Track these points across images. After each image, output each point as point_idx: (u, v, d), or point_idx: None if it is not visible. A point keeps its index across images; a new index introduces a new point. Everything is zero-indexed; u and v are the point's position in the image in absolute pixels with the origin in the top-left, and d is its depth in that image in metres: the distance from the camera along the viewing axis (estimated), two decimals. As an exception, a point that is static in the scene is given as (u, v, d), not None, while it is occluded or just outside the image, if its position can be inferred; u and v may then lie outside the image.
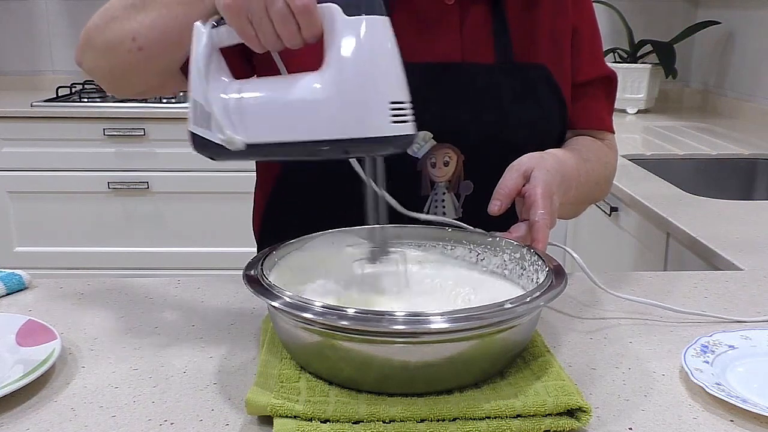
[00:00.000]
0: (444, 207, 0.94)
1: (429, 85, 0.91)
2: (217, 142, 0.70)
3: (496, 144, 0.92)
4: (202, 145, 0.73)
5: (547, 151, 0.89)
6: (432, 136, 0.92)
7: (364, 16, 0.65)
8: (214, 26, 0.72)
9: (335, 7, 0.65)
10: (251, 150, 0.70)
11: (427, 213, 0.91)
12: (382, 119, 0.65)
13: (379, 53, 0.66)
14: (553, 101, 0.98)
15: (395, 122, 0.65)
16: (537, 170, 0.82)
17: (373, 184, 0.74)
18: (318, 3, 0.65)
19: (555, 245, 0.85)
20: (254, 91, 0.71)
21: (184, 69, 0.84)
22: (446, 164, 0.93)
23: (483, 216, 0.81)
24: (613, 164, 1.08)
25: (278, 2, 0.64)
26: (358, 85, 0.65)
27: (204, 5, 0.73)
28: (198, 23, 0.73)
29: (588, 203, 1.10)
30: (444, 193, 0.94)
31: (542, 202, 0.80)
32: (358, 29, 0.65)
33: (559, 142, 1.01)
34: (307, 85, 0.67)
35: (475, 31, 0.94)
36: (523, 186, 0.83)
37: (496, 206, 0.81)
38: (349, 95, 0.66)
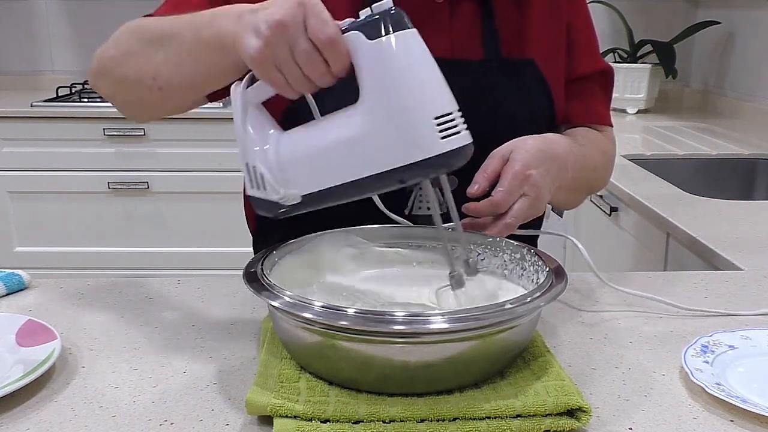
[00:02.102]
0: (428, 202, 0.94)
1: None
2: (274, 200, 0.71)
3: (483, 139, 0.92)
4: (260, 206, 0.73)
5: (535, 135, 0.89)
6: None
7: (386, 37, 0.62)
8: (247, 86, 0.71)
9: (357, 35, 0.63)
10: (307, 199, 0.70)
11: (411, 207, 0.91)
12: (429, 139, 0.63)
13: (408, 71, 0.63)
14: (541, 97, 0.98)
15: (445, 137, 0.63)
16: (515, 152, 0.84)
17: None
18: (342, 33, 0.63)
19: (555, 234, 0.85)
20: (298, 141, 0.71)
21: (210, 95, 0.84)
22: None
23: None
24: (611, 153, 1.08)
25: (302, 42, 0.63)
26: (394, 110, 0.63)
27: (228, 52, 0.71)
28: (233, 86, 0.72)
29: (587, 191, 1.10)
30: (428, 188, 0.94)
31: (505, 180, 0.81)
32: (383, 53, 0.63)
33: None
34: (346, 122, 0.66)
35: (464, 28, 0.95)
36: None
37: (474, 188, 0.82)
38: (389, 123, 0.64)
